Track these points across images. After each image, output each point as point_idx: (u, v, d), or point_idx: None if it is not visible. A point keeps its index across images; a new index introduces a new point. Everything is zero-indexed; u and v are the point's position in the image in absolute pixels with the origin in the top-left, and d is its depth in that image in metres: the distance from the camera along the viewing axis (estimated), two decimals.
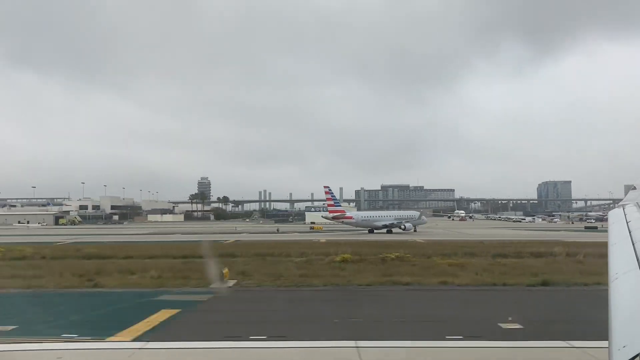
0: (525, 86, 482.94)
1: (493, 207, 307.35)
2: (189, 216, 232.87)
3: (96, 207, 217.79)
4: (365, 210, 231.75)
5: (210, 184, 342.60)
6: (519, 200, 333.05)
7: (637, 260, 4.34)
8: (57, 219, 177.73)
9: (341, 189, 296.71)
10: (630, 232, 5.36)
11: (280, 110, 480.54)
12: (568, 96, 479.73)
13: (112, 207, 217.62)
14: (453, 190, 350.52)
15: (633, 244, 4.85)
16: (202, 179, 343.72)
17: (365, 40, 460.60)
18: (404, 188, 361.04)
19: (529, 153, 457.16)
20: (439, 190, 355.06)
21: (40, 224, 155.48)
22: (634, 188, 9.40)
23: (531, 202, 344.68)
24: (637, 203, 7.21)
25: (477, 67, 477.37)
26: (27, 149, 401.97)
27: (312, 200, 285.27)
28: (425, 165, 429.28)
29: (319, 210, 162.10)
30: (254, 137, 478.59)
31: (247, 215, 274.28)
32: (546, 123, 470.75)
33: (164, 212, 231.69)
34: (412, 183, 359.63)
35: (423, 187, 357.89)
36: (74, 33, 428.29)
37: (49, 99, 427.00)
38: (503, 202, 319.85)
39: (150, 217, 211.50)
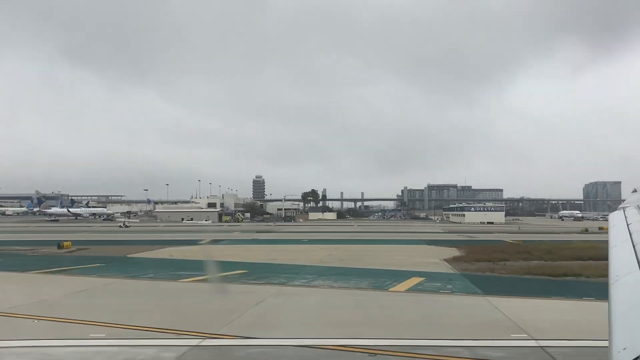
0: (578, 87, 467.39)
1: (538, 208, 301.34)
2: (341, 215, 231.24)
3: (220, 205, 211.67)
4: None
5: (264, 183, 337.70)
6: (565, 200, 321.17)
7: (638, 262, 4.33)
8: (220, 216, 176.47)
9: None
10: (630, 235, 5.36)
11: (320, 109, 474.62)
12: (614, 100, 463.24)
13: (235, 205, 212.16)
14: (502, 190, 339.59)
15: (633, 246, 4.85)
16: (256, 177, 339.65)
17: (419, 39, 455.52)
18: (451, 187, 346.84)
19: (573, 154, 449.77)
20: (487, 190, 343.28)
21: (206, 221, 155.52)
22: (635, 190, 9.40)
23: (576, 202, 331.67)
24: (637, 205, 7.22)
25: (531, 68, 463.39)
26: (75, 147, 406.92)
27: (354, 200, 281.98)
28: (470, 165, 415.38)
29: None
30: (296, 136, 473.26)
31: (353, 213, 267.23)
32: (592, 124, 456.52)
33: (323, 210, 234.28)
34: (460, 183, 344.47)
35: (471, 186, 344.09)
36: (124, 30, 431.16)
37: (96, 95, 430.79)
38: (552, 202, 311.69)
39: (312, 216, 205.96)
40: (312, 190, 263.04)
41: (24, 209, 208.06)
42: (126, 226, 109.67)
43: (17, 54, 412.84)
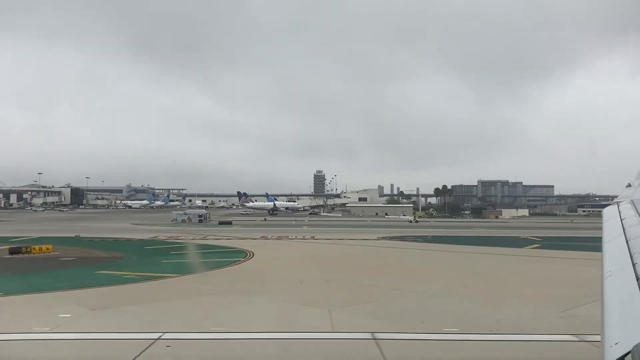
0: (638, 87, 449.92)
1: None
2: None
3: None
4: None
5: (325, 178, 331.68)
6: (615, 196, 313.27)
7: (631, 257, 4.35)
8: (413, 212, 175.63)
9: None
10: (624, 230, 5.38)
11: (367, 105, 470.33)
12: None
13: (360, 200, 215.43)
14: (552, 186, 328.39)
15: (627, 242, 4.87)
16: (317, 172, 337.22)
17: (473, 34, 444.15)
18: (503, 184, 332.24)
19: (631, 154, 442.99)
20: (537, 186, 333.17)
21: (404, 216, 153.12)
22: (629, 185, 9.42)
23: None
24: (631, 200, 7.23)
25: (592, 65, 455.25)
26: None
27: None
28: (520, 161, 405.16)
29: None
30: (329, 131, 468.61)
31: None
32: None
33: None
34: (511, 179, 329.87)
35: (522, 182, 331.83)
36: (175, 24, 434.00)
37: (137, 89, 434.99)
38: (602, 198, 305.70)
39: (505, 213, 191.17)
40: (444, 186, 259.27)
41: (145, 202, 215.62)
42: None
43: (66, 47, 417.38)
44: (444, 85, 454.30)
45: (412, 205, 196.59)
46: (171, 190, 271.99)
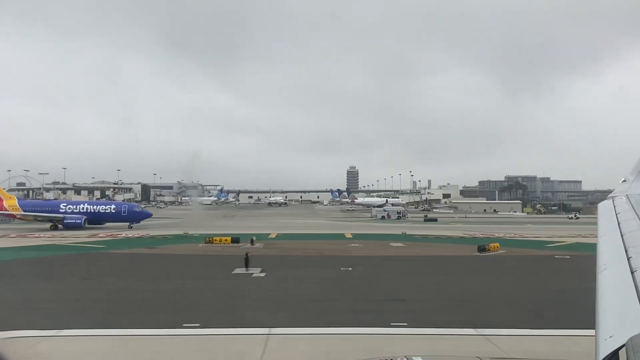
0: None
1: None
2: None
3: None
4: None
5: (358, 173, 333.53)
6: None
7: (626, 251, 4.36)
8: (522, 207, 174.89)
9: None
10: (619, 224, 5.40)
11: (388, 99, 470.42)
12: None
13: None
14: (580, 181, 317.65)
15: (621, 236, 4.89)
16: (350, 167, 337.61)
17: (503, 28, 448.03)
18: (530, 179, 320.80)
19: None
20: (565, 182, 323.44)
21: (514, 212, 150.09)
22: (624, 180, 9.44)
23: None
24: (626, 195, 7.25)
25: (624, 58, 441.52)
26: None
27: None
28: (547, 157, 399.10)
29: None
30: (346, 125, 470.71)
31: None
32: None
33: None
34: (539, 174, 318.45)
35: (549, 178, 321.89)
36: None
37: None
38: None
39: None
40: (516, 181, 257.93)
41: (213, 198, 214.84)
42: None
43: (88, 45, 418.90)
44: (468, 79, 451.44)
45: (520, 201, 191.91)
46: (206, 187, 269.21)
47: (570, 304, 19.87)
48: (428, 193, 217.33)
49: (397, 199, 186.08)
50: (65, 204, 69.30)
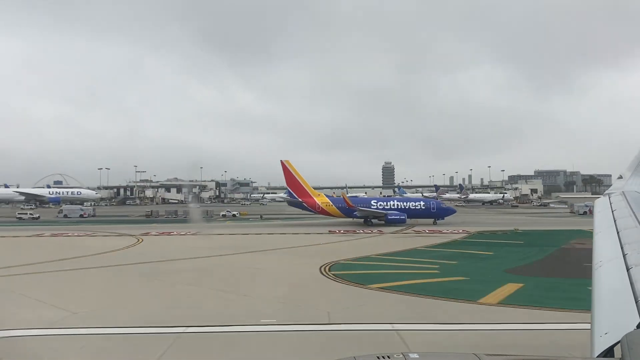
0: None
1: None
2: None
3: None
4: None
5: (394, 169, 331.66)
6: None
7: (621, 248, 4.38)
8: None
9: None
10: (615, 221, 5.42)
11: (415, 94, 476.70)
12: None
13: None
14: (610, 175, 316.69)
15: (617, 233, 4.91)
16: (386, 163, 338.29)
17: (537, 24, 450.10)
18: (558, 173, 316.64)
19: None
20: (597, 175, 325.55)
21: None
22: (621, 177, 9.47)
23: None
24: (622, 192, 7.28)
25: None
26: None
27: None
28: (576, 150, 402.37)
29: None
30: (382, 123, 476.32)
31: None
32: None
33: None
34: (568, 168, 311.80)
35: (579, 172, 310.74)
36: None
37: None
38: None
39: None
40: (591, 176, 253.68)
41: (283, 195, 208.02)
42: None
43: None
44: (498, 74, 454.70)
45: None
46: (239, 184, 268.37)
47: None
48: (515, 188, 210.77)
49: (488, 194, 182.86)
50: (375, 201, 67.79)
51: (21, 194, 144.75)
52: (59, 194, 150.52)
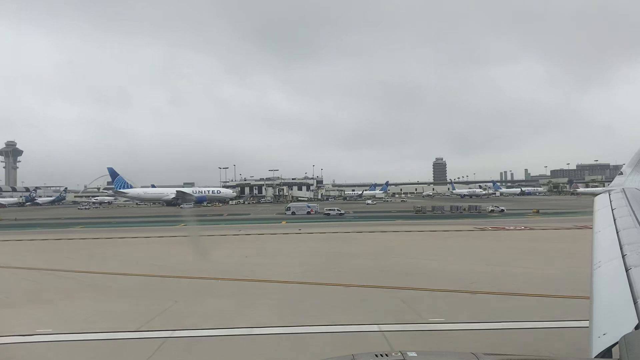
0: None
1: None
2: None
3: None
4: None
5: (446, 165, 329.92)
6: None
7: (621, 248, 4.39)
8: None
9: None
10: (614, 220, 5.41)
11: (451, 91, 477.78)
12: None
13: None
14: None
15: (617, 233, 4.90)
16: (437, 159, 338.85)
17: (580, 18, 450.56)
18: (603, 167, 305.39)
19: None
20: None
21: None
22: (621, 173, 9.47)
23: None
24: (622, 189, 7.27)
25: None
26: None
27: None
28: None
29: None
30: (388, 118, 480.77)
31: None
32: None
33: None
34: (612, 162, 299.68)
35: (624, 164, 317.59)
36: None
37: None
38: None
39: None
40: None
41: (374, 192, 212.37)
42: None
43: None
44: (535, 69, 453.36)
45: None
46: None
47: None
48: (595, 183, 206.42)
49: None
50: None
51: (178, 192, 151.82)
52: (202, 192, 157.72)
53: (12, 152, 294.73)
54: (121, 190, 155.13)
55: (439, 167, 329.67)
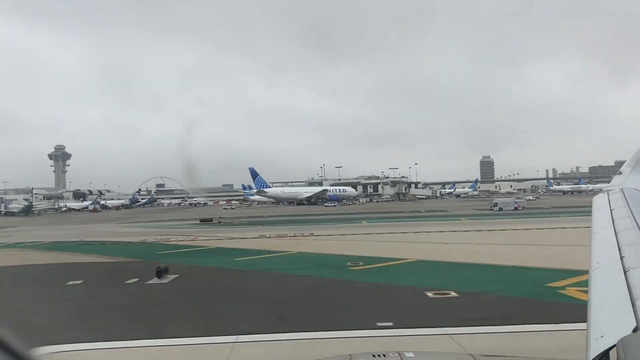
0: None
1: None
2: None
3: None
4: None
5: (493, 163, 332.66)
6: None
7: (619, 250, 4.39)
8: None
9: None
10: (613, 221, 5.41)
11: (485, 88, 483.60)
12: None
13: None
14: None
15: (615, 234, 4.90)
16: (484, 157, 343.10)
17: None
18: None
19: None
20: None
21: None
22: (620, 173, 9.45)
23: None
24: (621, 189, 7.26)
25: None
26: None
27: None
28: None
29: None
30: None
31: None
32: None
33: None
34: None
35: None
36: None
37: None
38: None
39: None
40: None
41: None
42: None
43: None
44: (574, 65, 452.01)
45: None
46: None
47: None
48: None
49: None
50: None
51: (321, 192, 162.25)
52: (332, 191, 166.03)
53: (62, 155, 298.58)
54: (263, 189, 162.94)
55: (487, 165, 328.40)
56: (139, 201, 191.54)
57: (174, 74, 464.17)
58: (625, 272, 3.85)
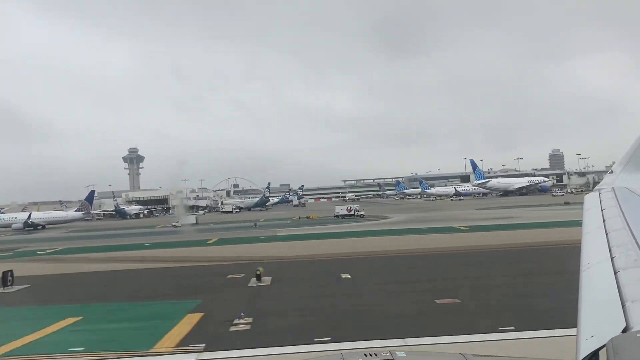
0: None
1: None
2: None
3: None
4: None
5: (563, 156, 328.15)
6: None
7: (610, 251, 4.41)
8: None
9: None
10: (604, 221, 5.42)
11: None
12: None
13: None
14: None
15: (606, 234, 4.91)
16: (553, 150, 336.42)
17: None
18: None
19: None
20: None
21: None
22: (611, 172, 9.49)
23: None
24: (612, 188, 7.27)
25: None
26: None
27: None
28: None
29: None
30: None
31: None
32: None
33: None
34: None
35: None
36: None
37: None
38: None
39: None
40: None
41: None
42: None
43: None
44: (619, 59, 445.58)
45: None
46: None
47: None
48: None
49: None
50: None
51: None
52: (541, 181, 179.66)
53: (136, 158, 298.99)
54: (479, 181, 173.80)
55: (556, 159, 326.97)
56: (269, 200, 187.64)
57: (261, 79, 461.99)
58: (615, 273, 3.88)
